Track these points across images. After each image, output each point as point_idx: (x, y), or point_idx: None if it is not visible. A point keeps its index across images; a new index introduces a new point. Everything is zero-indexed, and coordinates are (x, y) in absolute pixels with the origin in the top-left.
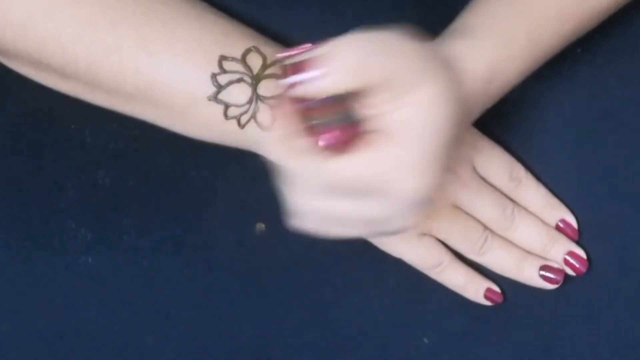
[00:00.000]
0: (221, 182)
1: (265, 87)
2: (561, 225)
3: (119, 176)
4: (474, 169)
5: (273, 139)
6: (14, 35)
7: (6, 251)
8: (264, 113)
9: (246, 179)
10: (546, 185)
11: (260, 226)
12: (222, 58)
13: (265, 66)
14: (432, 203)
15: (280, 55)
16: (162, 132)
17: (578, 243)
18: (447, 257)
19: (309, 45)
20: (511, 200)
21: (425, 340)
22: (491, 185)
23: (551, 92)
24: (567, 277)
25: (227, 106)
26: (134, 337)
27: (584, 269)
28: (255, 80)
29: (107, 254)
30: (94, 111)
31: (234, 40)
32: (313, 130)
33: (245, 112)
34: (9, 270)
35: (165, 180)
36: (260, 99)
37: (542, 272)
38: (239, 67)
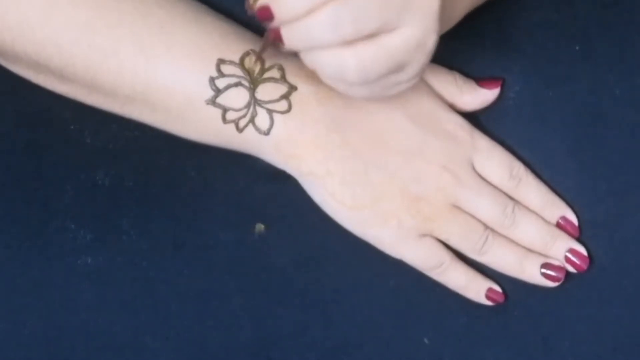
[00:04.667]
0: (221, 183)
1: (263, 91)
2: (562, 222)
3: (119, 177)
4: (474, 168)
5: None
6: (12, 37)
7: (6, 252)
8: (262, 117)
9: (246, 179)
10: (546, 183)
11: (260, 227)
12: (220, 61)
13: (263, 70)
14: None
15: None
16: (162, 133)
17: (579, 240)
18: (447, 257)
19: None
20: (511, 198)
21: (426, 341)
22: (491, 184)
23: (551, 91)
24: (567, 275)
25: (225, 110)
26: (134, 337)
27: (585, 266)
28: (253, 84)
29: (106, 255)
30: (94, 112)
31: (232, 43)
32: None
33: (244, 116)
34: (8, 271)
35: (164, 181)
36: (258, 103)
37: (544, 270)
38: (237, 70)
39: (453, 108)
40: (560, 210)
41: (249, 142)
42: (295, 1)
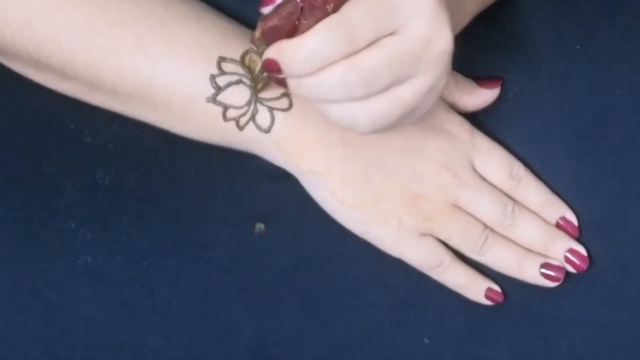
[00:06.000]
0: (220, 183)
1: (264, 89)
2: (561, 222)
3: (119, 176)
4: (474, 168)
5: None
6: (13, 35)
7: (6, 251)
8: (262, 115)
9: (246, 179)
10: (546, 183)
11: (260, 226)
12: (221, 59)
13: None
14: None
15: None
16: (162, 133)
17: (578, 240)
18: (447, 257)
19: None
20: (511, 198)
21: (426, 340)
22: (491, 184)
23: (551, 91)
24: (567, 275)
25: (225, 108)
26: (133, 337)
27: (584, 266)
28: (254, 82)
29: (106, 254)
30: (94, 111)
31: (232, 41)
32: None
33: (244, 113)
34: (8, 271)
35: (164, 181)
36: (259, 101)
37: (543, 270)
38: (238, 68)
39: (453, 108)
40: (560, 210)
41: (249, 140)
42: (304, 61)
